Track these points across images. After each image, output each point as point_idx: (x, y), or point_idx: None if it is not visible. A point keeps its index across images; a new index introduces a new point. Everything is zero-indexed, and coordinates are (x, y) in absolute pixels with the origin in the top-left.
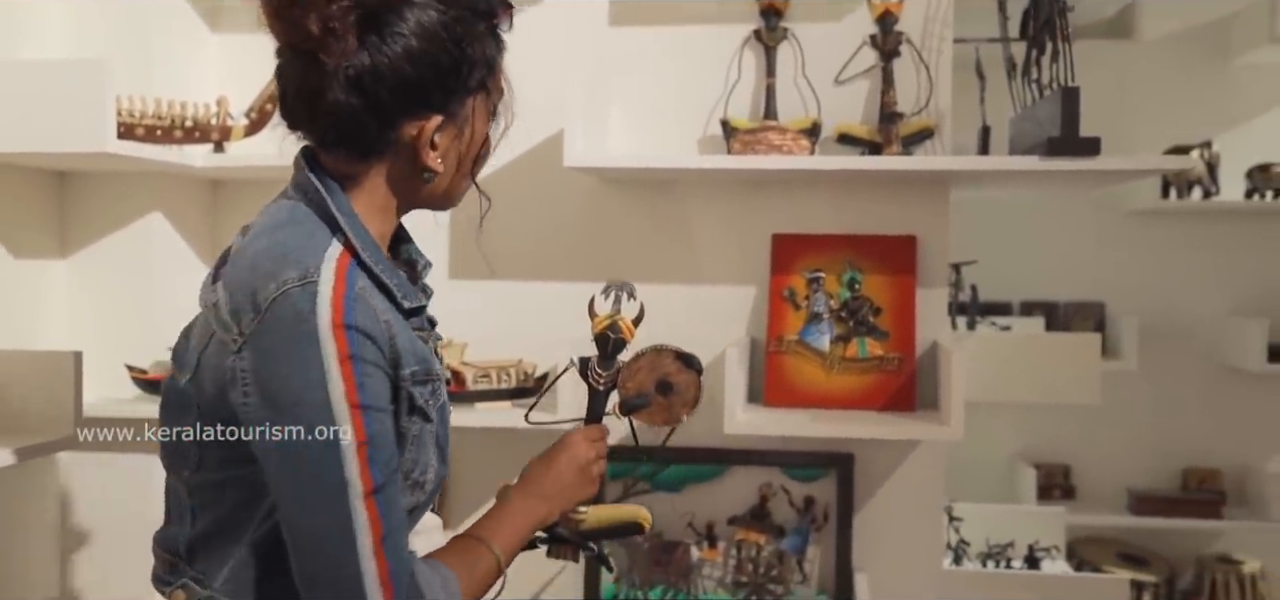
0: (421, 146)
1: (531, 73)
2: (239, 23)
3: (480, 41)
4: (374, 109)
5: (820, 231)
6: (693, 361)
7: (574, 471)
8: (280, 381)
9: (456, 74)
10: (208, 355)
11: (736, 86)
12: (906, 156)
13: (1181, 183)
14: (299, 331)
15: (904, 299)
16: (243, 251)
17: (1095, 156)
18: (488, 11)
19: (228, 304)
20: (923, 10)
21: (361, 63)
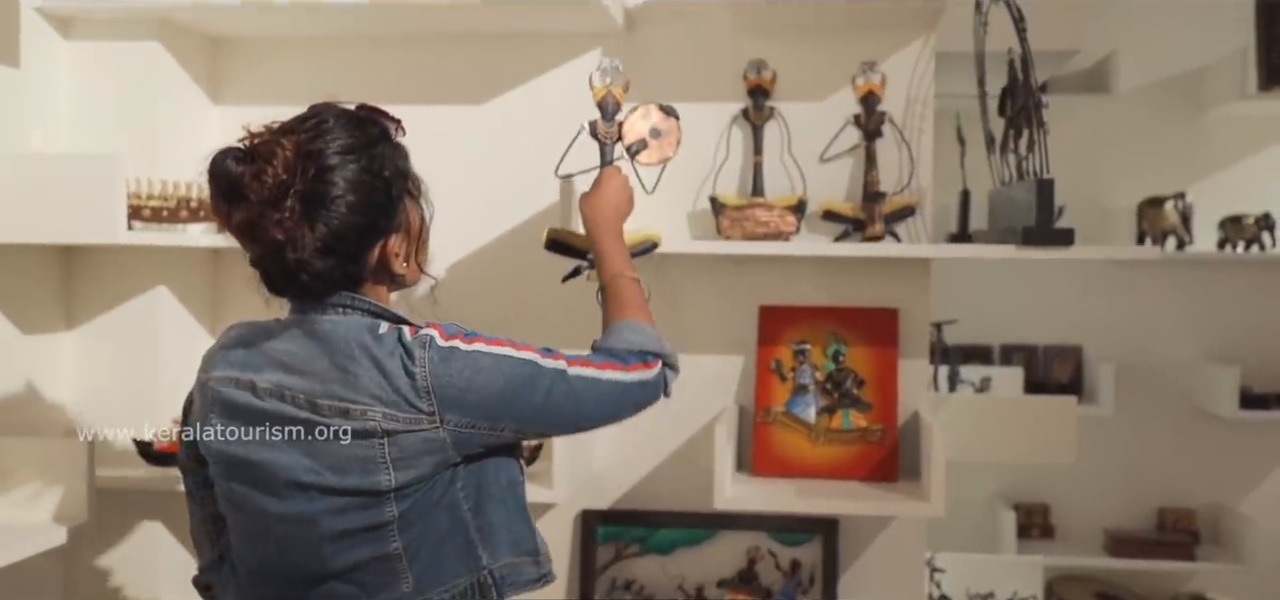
0: (389, 260)
1: (522, 148)
2: (241, 95)
3: (391, 160)
4: (343, 258)
5: (806, 304)
6: (671, 110)
7: (623, 193)
8: (479, 385)
9: (387, 197)
10: (397, 454)
11: (725, 164)
12: (890, 241)
13: (1156, 233)
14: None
15: (887, 371)
16: (351, 364)
17: (1069, 247)
18: (385, 135)
19: (375, 400)
20: (904, 91)
21: (320, 236)
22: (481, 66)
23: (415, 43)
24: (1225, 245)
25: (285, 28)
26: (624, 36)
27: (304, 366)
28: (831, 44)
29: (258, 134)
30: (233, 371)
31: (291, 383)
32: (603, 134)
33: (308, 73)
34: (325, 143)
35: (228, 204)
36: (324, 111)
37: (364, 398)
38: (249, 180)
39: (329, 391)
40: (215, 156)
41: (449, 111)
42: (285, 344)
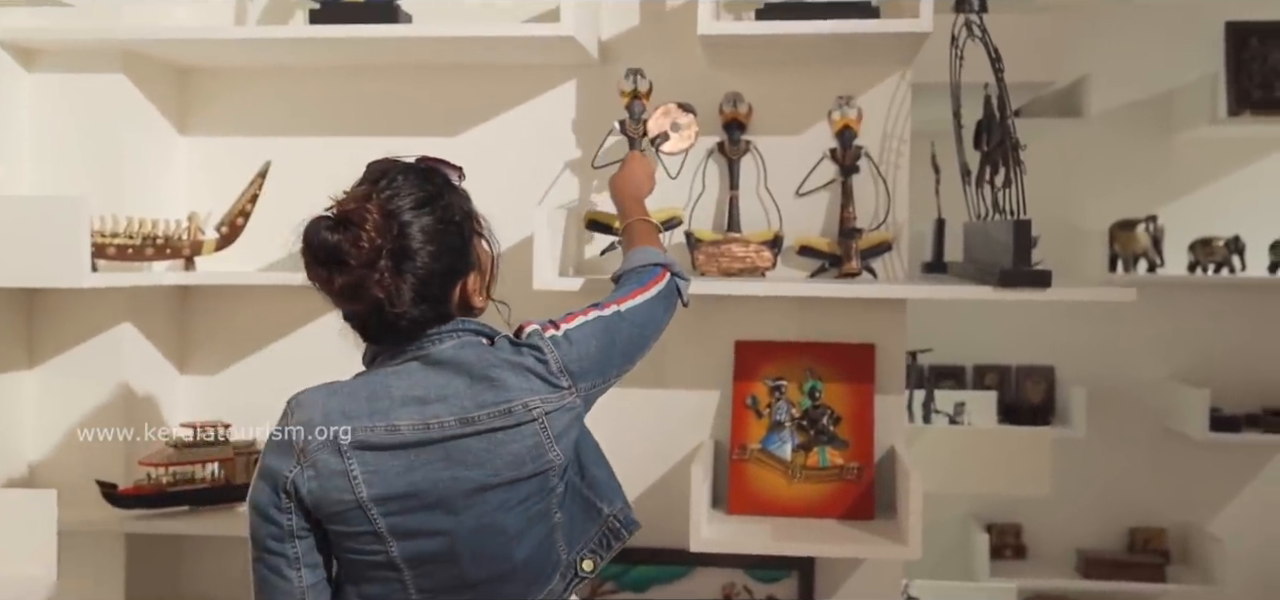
0: (469, 296)
1: (496, 180)
2: (209, 126)
3: (459, 205)
4: (433, 302)
5: (782, 339)
6: (689, 107)
7: (643, 170)
8: (594, 345)
9: (461, 239)
10: (557, 429)
11: (700, 198)
12: (867, 278)
13: (1127, 256)
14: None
15: (863, 406)
16: (488, 373)
17: (1046, 289)
18: (448, 183)
19: (527, 391)
20: (881, 126)
21: (412, 286)
22: (455, 98)
23: (388, 74)
24: (1196, 268)
25: (254, 58)
26: (598, 69)
27: (440, 393)
28: (808, 78)
29: (344, 201)
30: (362, 422)
31: (433, 412)
32: (630, 130)
33: (278, 104)
34: (402, 200)
35: (328, 270)
36: (390, 169)
37: (518, 393)
38: (348, 247)
39: (480, 402)
40: (309, 228)
41: (422, 144)
42: (406, 383)
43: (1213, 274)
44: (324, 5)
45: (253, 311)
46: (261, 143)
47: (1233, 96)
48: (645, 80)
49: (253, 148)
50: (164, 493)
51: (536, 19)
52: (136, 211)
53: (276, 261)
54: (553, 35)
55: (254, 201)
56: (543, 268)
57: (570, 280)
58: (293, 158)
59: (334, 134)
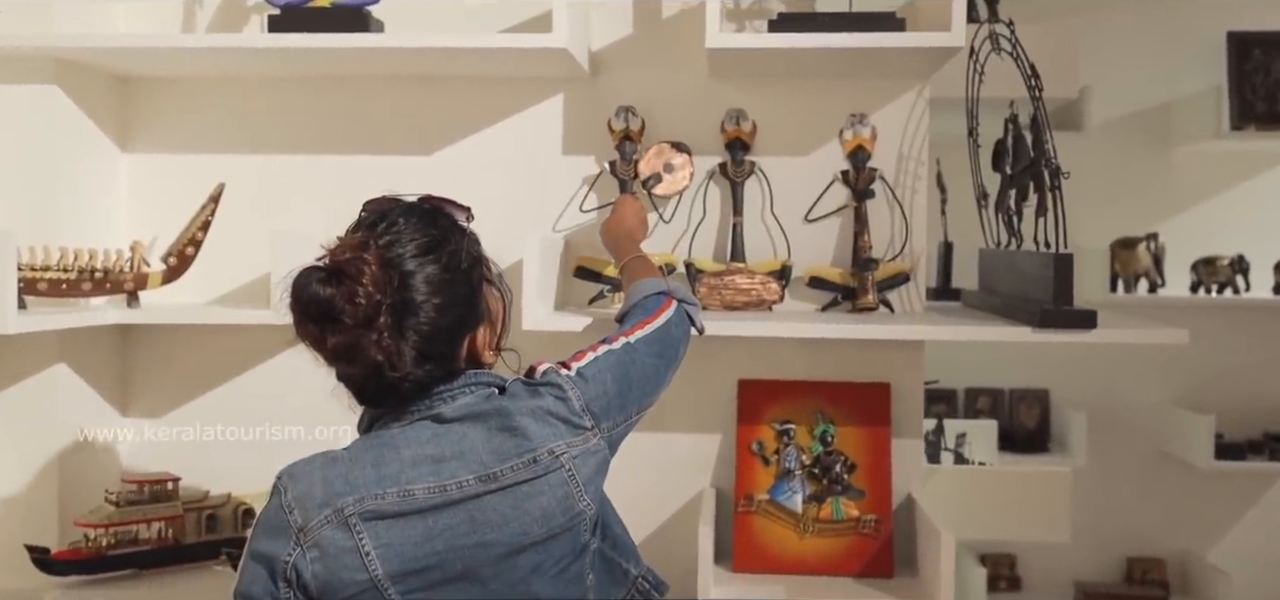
0: (478, 353)
1: (476, 203)
2: (154, 142)
3: (467, 250)
4: (440, 359)
5: (790, 377)
6: (683, 147)
7: (635, 213)
8: (615, 376)
9: (469, 289)
10: (585, 476)
11: (701, 225)
12: (883, 312)
13: (1128, 275)
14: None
15: (878, 452)
16: (506, 422)
17: (1091, 330)
18: (455, 225)
19: (550, 437)
20: (897, 146)
21: (414, 344)
22: (430, 113)
23: (356, 86)
24: (1198, 288)
25: (205, 67)
26: (588, 82)
27: (456, 450)
28: (818, 93)
29: (336, 249)
30: (371, 489)
31: (450, 472)
32: (621, 171)
33: (232, 118)
34: (404, 247)
35: (320, 328)
36: (390, 211)
37: (541, 440)
38: (342, 303)
39: (501, 455)
40: (298, 279)
41: (393, 163)
42: (415, 443)
43: (1216, 295)
44: (285, 11)
45: (205, 351)
46: (214, 161)
47: (1235, 109)
48: (637, 119)
49: (204, 167)
50: (103, 556)
51: (521, 27)
52: (72, 241)
53: (230, 294)
54: (544, 47)
55: (206, 228)
56: (534, 304)
57: (570, 317)
58: (249, 178)
59: (296, 152)
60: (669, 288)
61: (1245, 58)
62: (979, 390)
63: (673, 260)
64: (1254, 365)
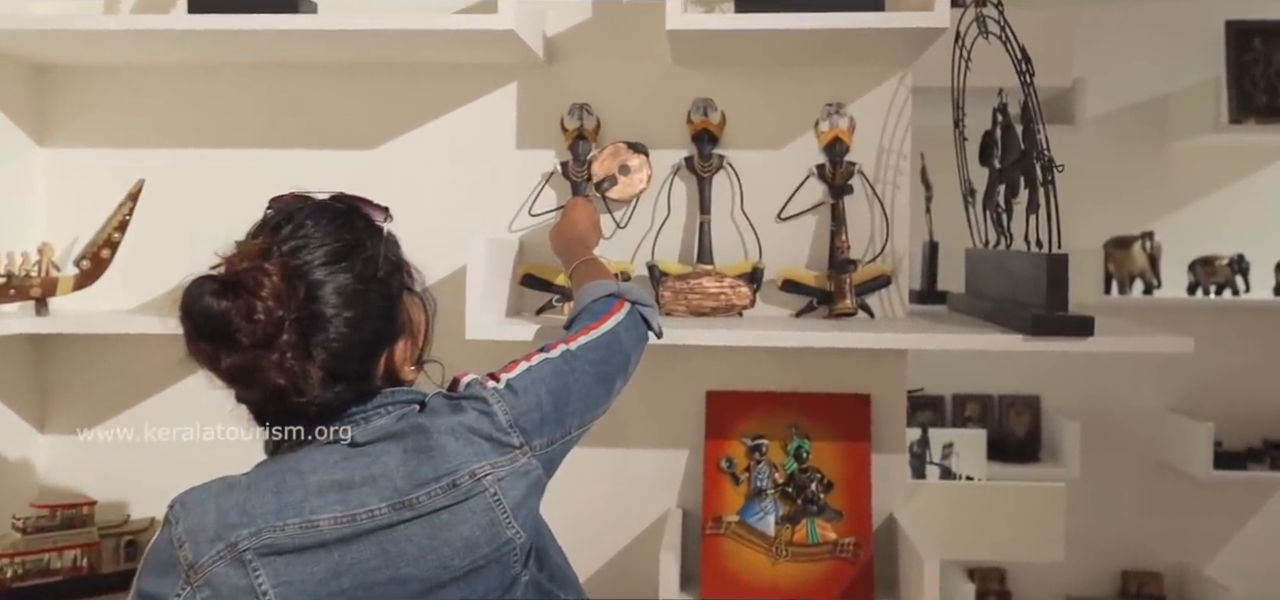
0: (396, 369)
1: (420, 201)
2: (74, 135)
3: (385, 256)
4: (353, 378)
5: (762, 389)
6: (640, 147)
7: (589, 220)
8: (553, 383)
9: (386, 299)
10: (513, 500)
11: (665, 224)
12: (862, 318)
13: (1123, 276)
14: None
15: (858, 470)
16: (424, 442)
17: (1088, 338)
18: (373, 228)
19: (472, 457)
20: (877, 138)
21: (323, 364)
22: (371, 104)
23: (289, 74)
24: (1196, 289)
25: (124, 52)
26: (544, 70)
27: (367, 475)
28: (791, 80)
29: (233, 258)
30: (269, 521)
31: (360, 499)
32: (574, 173)
33: (155, 109)
34: (312, 253)
35: (213, 346)
36: (297, 211)
37: (462, 461)
38: (238, 320)
39: (417, 479)
40: (189, 292)
41: (331, 158)
42: (323, 468)
43: (1215, 296)
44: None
45: (128, 362)
46: (137, 156)
47: (1234, 102)
48: (592, 116)
49: (128, 162)
50: (9, 589)
51: (470, 10)
52: None
53: (152, 300)
54: (488, 29)
55: (123, 229)
56: (478, 311)
57: (518, 325)
58: (173, 175)
59: (223, 146)
60: (619, 289)
61: (1245, 48)
62: (967, 397)
63: (629, 268)
64: (1254, 369)
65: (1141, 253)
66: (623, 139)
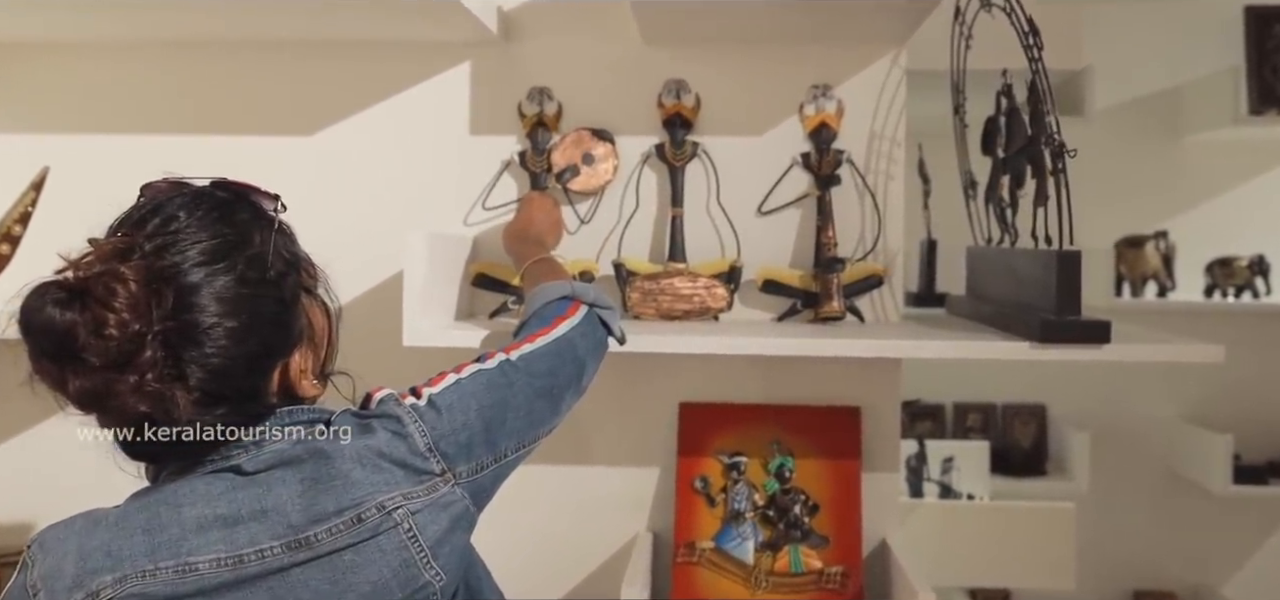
0: (294, 384)
1: (363, 193)
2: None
3: (277, 252)
4: (236, 397)
5: (741, 400)
6: (605, 134)
7: (548, 218)
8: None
9: (278, 304)
10: (433, 537)
11: (633, 218)
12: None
13: (1135, 278)
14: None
15: (847, 490)
16: (325, 469)
17: (1104, 346)
18: (261, 219)
19: (382, 486)
20: (868, 123)
21: (199, 384)
22: (309, 85)
23: (218, 52)
24: (1213, 292)
25: (28, 27)
26: (500, 48)
27: (257, 509)
28: (773, 61)
29: (82, 260)
30: (139, 564)
31: (248, 537)
32: (532, 163)
33: (65, 90)
34: (181, 252)
35: (59, 367)
36: (166, 201)
37: (369, 491)
38: (86, 336)
39: (315, 513)
40: (28, 302)
41: (264, 145)
42: (204, 501)
43: (1233, 299)
44: None
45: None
46: (42, 141)
47: (1254, 93)
48: (552, 102)
49: (30, 147)
50: None
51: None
52: None
53: None
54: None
55: (25, 221)
56: (415, 315)
57: (465, 330)
58: (85, 162)
59: (142, 131)
60: (574, 290)
61: (1265, 35)
62: (968, 406)
63: (594, 267)
64: (1276, 378)
65: (1155, 253)
66: (586, 125)
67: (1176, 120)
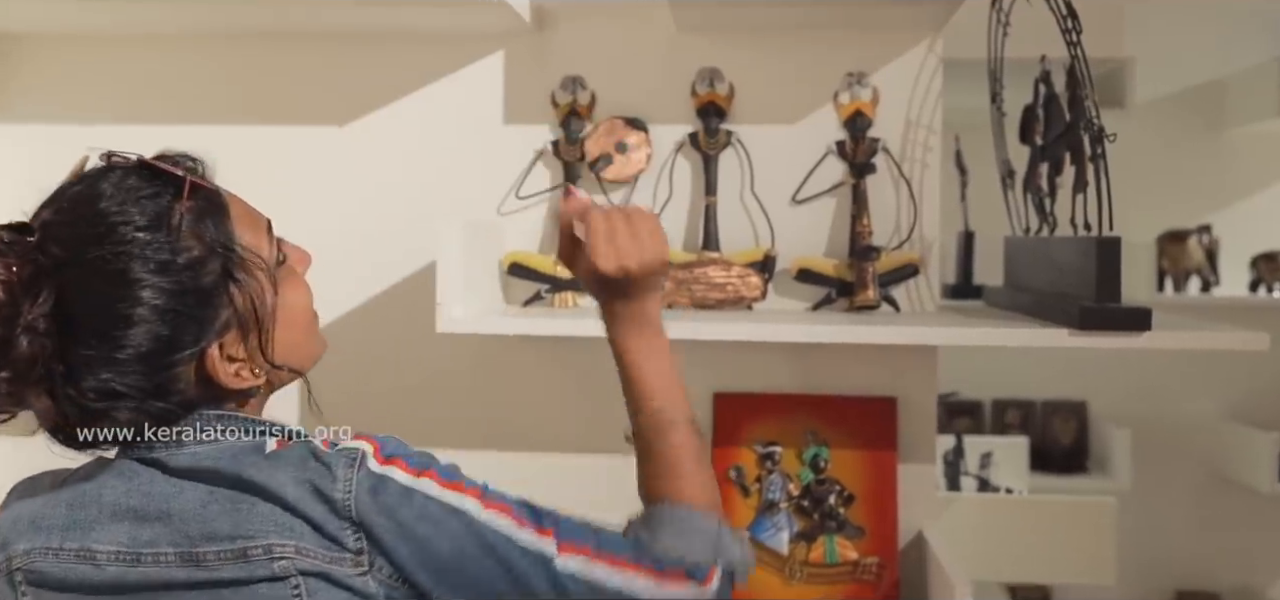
0: (217, 375)
1: (393, 183)
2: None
3: (191, 233)
4: (145, 394)
5: (774, 390)
6: (639, 123)
7: (653, 236)
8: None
9: (184, 293)
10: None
11: (667, 207)
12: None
13: (1178, 273)
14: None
15: (883, 481)
16: (239, 487)
17: (1145, 333)
18: (176, 194)
19: (278, 529)
20: (903, 110)
21: (99, 382)
22: (342, 76)
23: (252, 44)
24: (1258, 287)
25: (77, 21)
26: (532, 37)
27: (163, 509)
28: (807, 48)
29: None
30: (48, 540)
31: (149, 537)
32: (565, 152)
33: (112, 80)
34: (74, 233)
35: None
36: (72, 185)
37: (266, 531)
38: None
39: (212, 533)
40: None
41: (297, 134)
42: (126, 486)
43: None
44: None
45: None
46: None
47: None
48: (586, 91)
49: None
50: None
51: None
52: None
53: None
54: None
55: None
56: (450, 301)
57: (500, 318)
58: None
59: (180, 122)
60: (725, 557)
61: None
62: (1007, 402)
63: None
64: None
65: (1198, 247)
66: (620, 114)
67: (1219, 113)
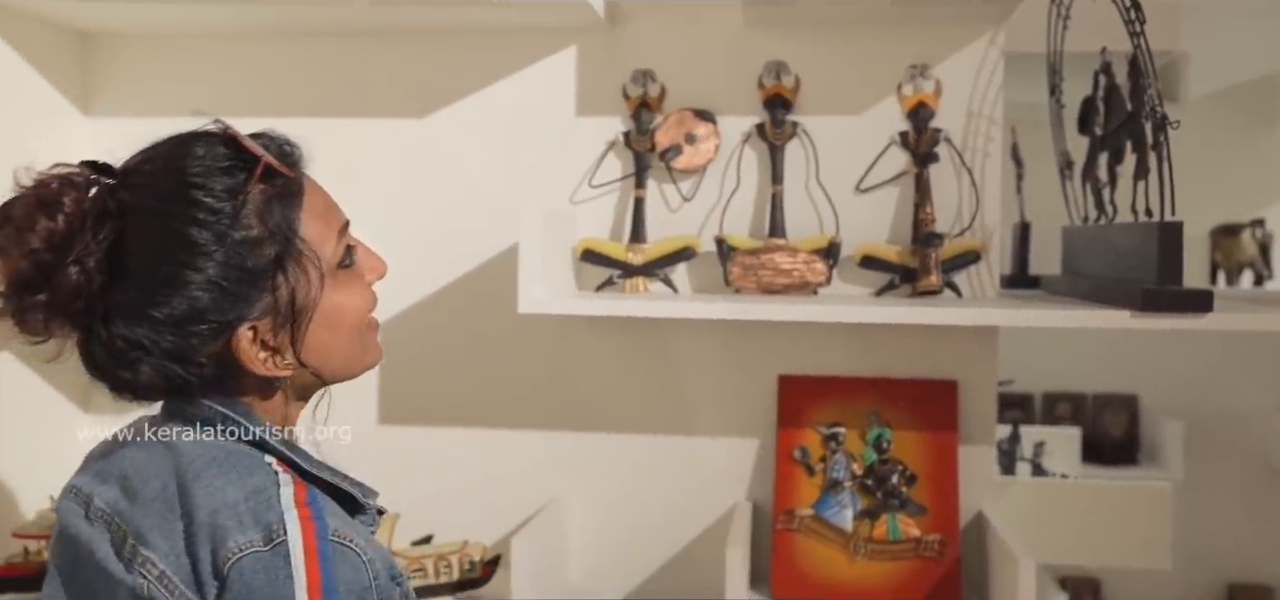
0: (243, 359)
1: (471, 173)
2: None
3: (252, 212)
4: (159, 354)
5: (838, 373)
6: (707, 114)
7: None
8: None
9: (231, 268)
10: None
11: (734, 195)
12: (949, 297)
13: (1231, 266)
14: None
15: (944, 462)
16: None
17: (1206, 314)
18: (253, 175)
19: (164, 552)
20: (965, 102)
21: (118, 329)
22: (422, 70)
23: (338, 42)
24: None
25: (169, 20)
26: (605, 32)
27: (138, 486)
28: (871, 42)
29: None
30: (84, 480)
31: (123, 508)
32: (636, 143)
33: (204, 78)
34: (141, 185)
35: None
36: (163, 143)
37: (162, 554)
38: (12, 232)
39: (139, 529)
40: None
41: (379, 126)
42: (134, 453)
43: None
44: None
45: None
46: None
47: None
48: (656, 84)
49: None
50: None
51: None
52: None
53: None
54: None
55: None
56: (530, 283)
57: (586, 300)
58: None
59: (268, 115)
60: None
61: None
62: (1058, 395)
63: (696, 243)
64: None
65: (1251, 241)
66: (689, 106)
67: (1273, 108)
